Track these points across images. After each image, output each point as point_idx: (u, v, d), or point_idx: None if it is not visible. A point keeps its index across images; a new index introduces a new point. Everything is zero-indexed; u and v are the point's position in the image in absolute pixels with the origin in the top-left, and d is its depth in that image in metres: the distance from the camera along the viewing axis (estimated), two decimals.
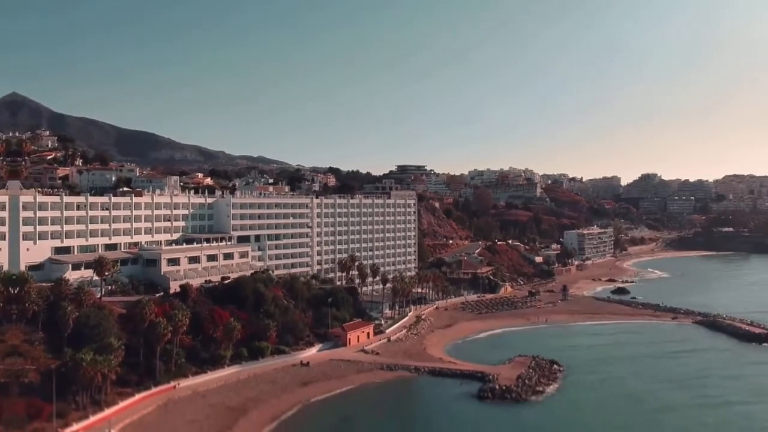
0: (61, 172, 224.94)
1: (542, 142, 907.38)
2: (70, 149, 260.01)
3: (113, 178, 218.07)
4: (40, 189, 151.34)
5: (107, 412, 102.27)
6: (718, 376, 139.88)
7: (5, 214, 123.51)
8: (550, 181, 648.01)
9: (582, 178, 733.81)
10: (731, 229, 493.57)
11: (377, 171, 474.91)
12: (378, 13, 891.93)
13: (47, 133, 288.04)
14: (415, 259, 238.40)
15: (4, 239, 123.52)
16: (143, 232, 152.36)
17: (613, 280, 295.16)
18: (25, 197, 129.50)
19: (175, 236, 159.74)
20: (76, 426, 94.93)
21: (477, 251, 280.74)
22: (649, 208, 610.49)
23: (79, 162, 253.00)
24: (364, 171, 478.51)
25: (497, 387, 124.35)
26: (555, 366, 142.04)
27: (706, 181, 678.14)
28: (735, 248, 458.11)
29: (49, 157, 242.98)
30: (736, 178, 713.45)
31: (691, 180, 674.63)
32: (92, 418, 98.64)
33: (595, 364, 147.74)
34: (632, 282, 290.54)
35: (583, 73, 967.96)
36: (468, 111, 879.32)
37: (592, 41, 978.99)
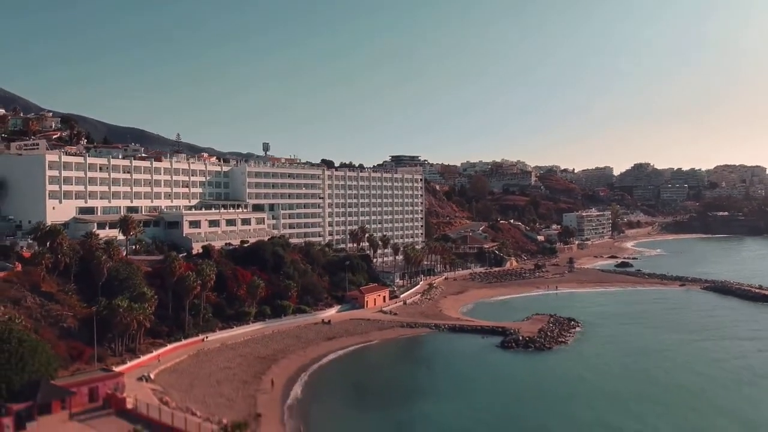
0: (68, 150, 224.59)
1: (533, 138, 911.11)
2: (75, 129, 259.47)
3: (120, 156, 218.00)
4: (63, 150, 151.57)
5: (142, 359, 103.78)
6: (731, 326, 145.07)
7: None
8: (542, 172, 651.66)
9: (574, 169, 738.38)
10: (726, 213, 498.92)
11: (369, 164, 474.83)
12: (369, 15, 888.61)
13: (50, 114, 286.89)
14: (422, 233, 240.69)
15: None
16: (162, 197, 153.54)
17: (615, 257, 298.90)
18: (51, 156, 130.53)
19: (193, 202, 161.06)
20: (115, 369, 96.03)
21: (480, 229, 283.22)
22: (643, 196, 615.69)
23: (83, 142, 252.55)
24: (356, 164, 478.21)
25: (520, 338, 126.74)
26: (573, 322, 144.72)
27: (699, 169, 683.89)
28: (730, 231, 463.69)
29: (54, 137, 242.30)
30: (728, 167, 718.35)
31: (684, 169, 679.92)
32: (129, 363, 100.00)
33: (611, 321, 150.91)
34: (634, 258, 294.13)
35: (574, 70, 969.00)
36: (458, 108, 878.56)
37: (583, 39, 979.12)
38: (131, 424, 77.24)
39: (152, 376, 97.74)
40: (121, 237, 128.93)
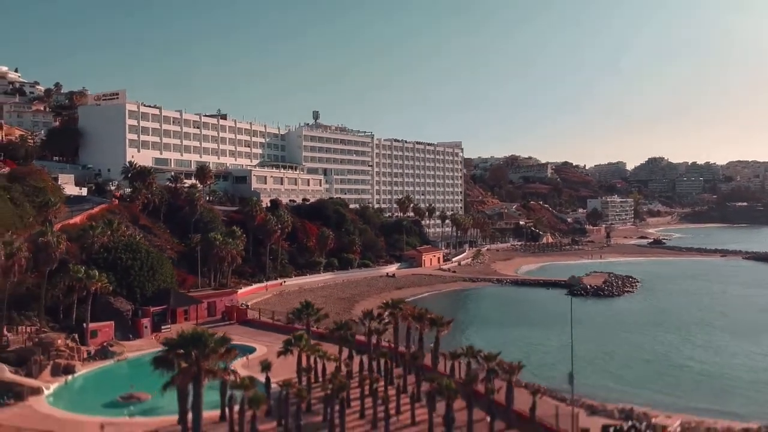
0: None
1: (541, 135, 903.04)
2: None
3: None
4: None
5: (251, 287, 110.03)
6: None
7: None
8: (557, 165, 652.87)
9: (585, 165, 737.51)
10: (745, 203, 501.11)
11: None
12: (363, 9, 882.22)
13: (88, 91, 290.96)
14: (461, 208, 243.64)
15: None
16: (227, 154, 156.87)
17: (645, 238, 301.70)
18: (131, 105, 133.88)
19: (254, 162, 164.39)
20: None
21: (514, 207, 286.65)
22: (658, 189, 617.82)
23: None
24: None
25: (588, 286, 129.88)
26: (631, 278, 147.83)
27: (714, 163, 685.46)
28: (749, 221, 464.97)
29: None
30: (741, 163, 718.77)
31: (699, 162, 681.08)
32: (242, 290, 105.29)
33: (669, 278, 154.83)
34: (664, 239, 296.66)
35: (578, 66, 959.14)
36: (460, 107, 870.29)
37: (578, 32, 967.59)
38: (257, 330, 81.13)
39: (249, 305, 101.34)
40: (200, 186, 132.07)
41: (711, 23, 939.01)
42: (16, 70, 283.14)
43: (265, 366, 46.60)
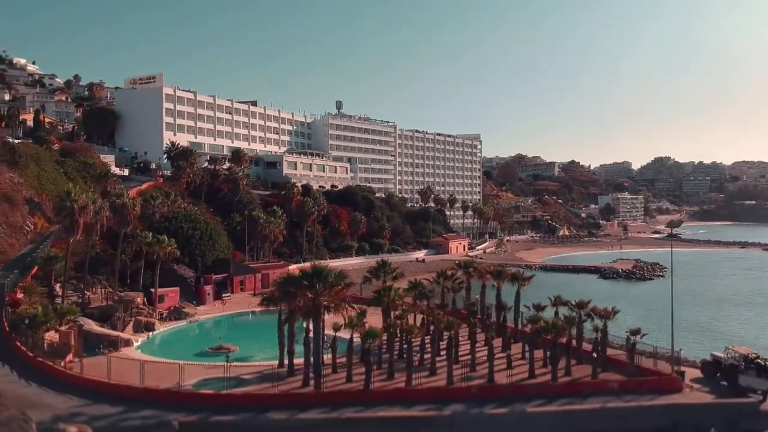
0: None
1: (543, 135, 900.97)
2: None
3: None
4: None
5: (301, 265, 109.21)
6: None
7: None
8: (564, 164, 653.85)
9: (590, 165, 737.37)
10: (753, 202, 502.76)
11: None
12: (373, 14, 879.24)
13: (106, 84, 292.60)
14: (479, 200, 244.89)
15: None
16: (257, 141, 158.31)
17: (659, 232, 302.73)
18: (167, 89, 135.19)
19: (282, 149, 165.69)
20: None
21: (529, 201, 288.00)
22: (664, 188, 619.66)
23: None
24: None
25: (620, 270, 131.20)
26: (658, 265, 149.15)
27: (720, 163, 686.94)
28: (757, 219, 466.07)
29: None
30: (746, 163, 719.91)
31: (705, 162, 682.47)
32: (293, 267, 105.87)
33: (693, 266, 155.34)
34: (678, 234, 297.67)
35: (581, 67, 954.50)
36: (466, 107, 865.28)
37: (584, 36, 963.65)
38: None
39: None
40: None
41: (714, 23, 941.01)
42: (33, 63, 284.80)
43: (361, 312, 47.90)
